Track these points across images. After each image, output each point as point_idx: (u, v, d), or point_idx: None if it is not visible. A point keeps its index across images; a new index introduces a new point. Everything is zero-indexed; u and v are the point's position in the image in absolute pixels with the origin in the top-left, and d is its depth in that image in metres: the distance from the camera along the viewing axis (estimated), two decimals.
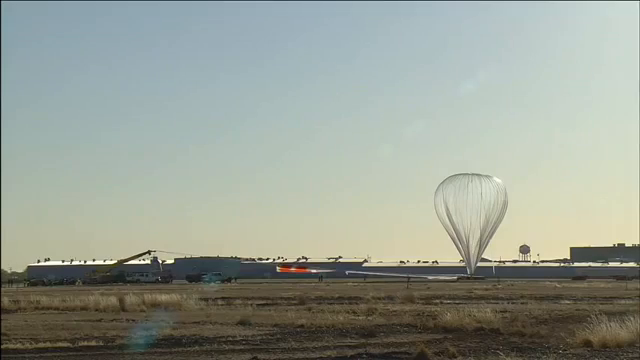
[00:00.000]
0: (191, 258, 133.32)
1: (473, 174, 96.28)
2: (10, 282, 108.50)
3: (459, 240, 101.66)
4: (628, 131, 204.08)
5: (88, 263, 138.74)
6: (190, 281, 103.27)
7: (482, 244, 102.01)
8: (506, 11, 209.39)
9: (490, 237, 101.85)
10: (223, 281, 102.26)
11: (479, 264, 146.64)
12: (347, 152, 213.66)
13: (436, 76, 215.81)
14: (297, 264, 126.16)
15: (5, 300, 36.02)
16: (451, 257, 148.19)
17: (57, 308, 33.96)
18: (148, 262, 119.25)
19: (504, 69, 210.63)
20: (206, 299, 38.55)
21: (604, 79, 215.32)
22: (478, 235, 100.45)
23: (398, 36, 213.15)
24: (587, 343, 16.90)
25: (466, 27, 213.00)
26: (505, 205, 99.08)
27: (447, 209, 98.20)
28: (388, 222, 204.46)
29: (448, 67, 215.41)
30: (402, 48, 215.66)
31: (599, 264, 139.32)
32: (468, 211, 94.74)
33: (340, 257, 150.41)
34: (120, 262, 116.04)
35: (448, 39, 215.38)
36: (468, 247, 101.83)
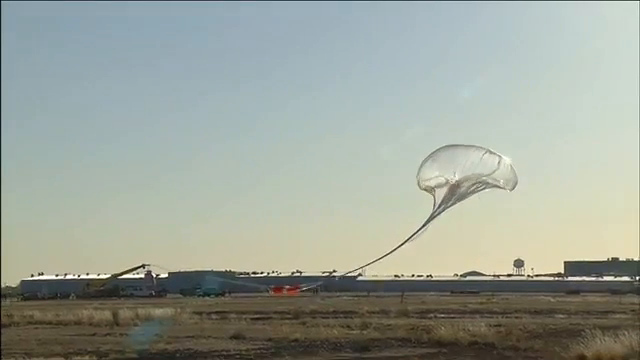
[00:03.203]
0: (185, 272, 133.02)
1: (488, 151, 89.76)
2: (4, 296, 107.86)
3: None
4: (623, 145, 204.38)
5: (82, 277, 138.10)
6: (184, 295, 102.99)
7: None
8: (508, 15, 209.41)
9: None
10: (217, 295, 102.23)
11: (473, 278, 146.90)
12: (341, 166, 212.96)
13: (436, 81, 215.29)
14: (290, 281, 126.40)
15: None
16: (445, 272, 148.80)
17: (51, 322, 33.83)
18: (142, 276, 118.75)
19: (502, 75, 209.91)
20: (200, 313, 38.43)
21: (600, 92, 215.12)
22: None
23: (398, 39, 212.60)
24: (581, 357, 16.91)
25: (466, 31, 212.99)
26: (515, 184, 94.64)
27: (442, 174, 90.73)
28: (383, 235, 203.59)
29: (448, 71, 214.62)
30: (402, 51, 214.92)
31: (593, 278, 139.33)
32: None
33: (335, 271, 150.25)
34: (114, 276, 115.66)
35: (448, 43, 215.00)
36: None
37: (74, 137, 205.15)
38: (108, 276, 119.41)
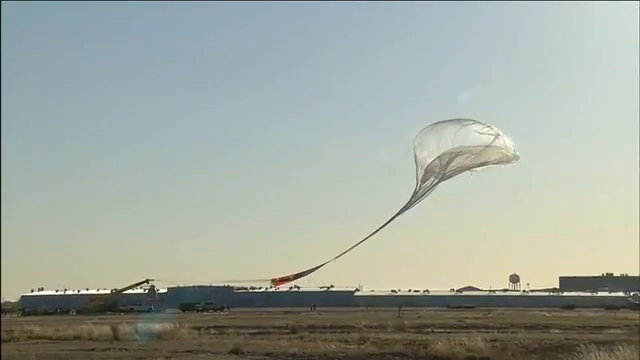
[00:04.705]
0: (184, 287, 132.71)
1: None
2: (4, 312, 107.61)
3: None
4: (620, 160, 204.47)
5: (82, 292, 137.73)
6: (183, 310, 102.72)
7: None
8: (506, 20, 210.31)
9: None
10: (215, 310, 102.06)
11: (469, 293, 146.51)
12: (339, 176, 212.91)
13: (434, 85, 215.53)
14: (289, 296, 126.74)
15: None
16: (442, 287, 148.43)
17: (50, 338, 33.67)
18: (141, 291, 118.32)
19: (501, 80, 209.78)
20: (198, 328, 38.29)
21: (599, 101, 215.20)
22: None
23: (397, 44, 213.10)
24: None
25: (465, 36, 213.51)
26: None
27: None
28: (382, 247, 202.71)
29: (446, 76, 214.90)
30: (401, 56, 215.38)
31: (588, 293, 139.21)
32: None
33: (332, 286, 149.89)
34: (119, 291, 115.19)
35: (447, 48, 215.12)
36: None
37: (75, 153, 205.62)
38: (111, 291, 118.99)
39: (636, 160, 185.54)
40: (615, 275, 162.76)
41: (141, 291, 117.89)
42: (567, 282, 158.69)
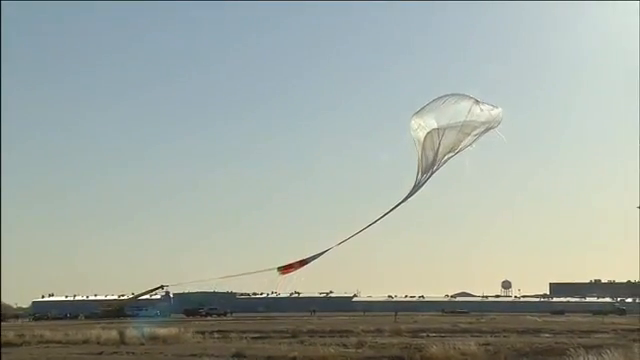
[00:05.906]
0: (189, 293, 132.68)
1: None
2: (16, 317, 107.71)
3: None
4: (612, 169, 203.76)
5: (90, 298, 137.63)
6: (187, 315, 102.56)
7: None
8: (505, 20, 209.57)
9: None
10: (219, 315, 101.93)
11: (463, 299, 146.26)
12: (336, 190, 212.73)
13: (432, 87, 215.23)
14: (289, 302, 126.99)
15: (11, 334, 35.74)
16: (436, 292, 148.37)
17: (60, 342, 33.67)
18: (147, 297, 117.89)
19: (498, 83, 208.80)
20: (202, 332, 38.26)
21: (585, 117, 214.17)
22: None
23: (395, 46, 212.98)
24: None
25: (463, 37, 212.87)
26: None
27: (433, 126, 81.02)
28: (377, 257, 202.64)
29: (445, 78, 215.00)
30: (400, 58, 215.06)
31: (577, 299, 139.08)
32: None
33: (331, 292, 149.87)
34: (135, 297, 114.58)
35: (445, 50, 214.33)
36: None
37: (84, 161, 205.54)
38: (118, 296, 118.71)
39: (635, 167, 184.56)
40: (603, 282, 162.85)
41: (148, 297, 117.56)
42: (557, 288, 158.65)
